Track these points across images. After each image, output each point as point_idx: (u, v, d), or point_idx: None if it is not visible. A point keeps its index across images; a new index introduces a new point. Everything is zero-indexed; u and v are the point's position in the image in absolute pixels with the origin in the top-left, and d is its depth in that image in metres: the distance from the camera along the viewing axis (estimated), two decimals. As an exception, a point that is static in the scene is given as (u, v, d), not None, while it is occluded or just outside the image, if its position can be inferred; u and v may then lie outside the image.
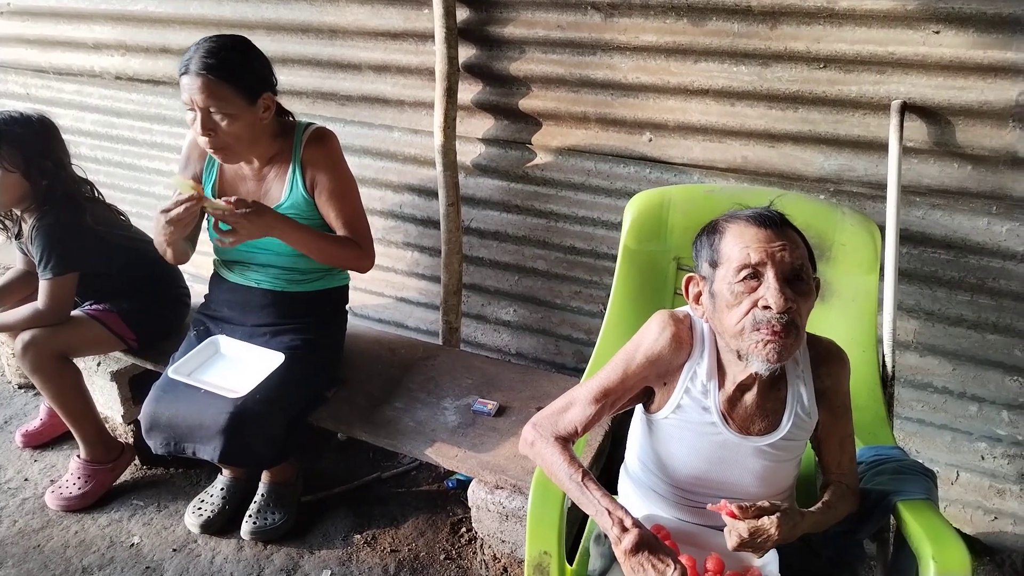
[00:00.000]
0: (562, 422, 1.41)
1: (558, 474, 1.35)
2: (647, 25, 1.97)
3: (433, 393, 2.18)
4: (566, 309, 2.52)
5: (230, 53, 1.80)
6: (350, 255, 2.03)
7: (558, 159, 2.29)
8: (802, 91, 1.89)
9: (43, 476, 2.41)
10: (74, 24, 2.89)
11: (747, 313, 1.23)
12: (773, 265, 1.22)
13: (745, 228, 1.27)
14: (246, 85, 1.81)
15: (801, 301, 1.24)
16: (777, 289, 1.20)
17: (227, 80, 1.77)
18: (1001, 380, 2.01)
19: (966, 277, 1.95)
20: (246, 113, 1.82)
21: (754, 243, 1.24)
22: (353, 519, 2.26)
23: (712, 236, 1.32)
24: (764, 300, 1.21)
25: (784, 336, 1.21)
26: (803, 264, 1.26)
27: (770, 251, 1.23)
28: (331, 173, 1.98)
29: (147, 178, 3.11)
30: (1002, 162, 1.79)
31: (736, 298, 1.24)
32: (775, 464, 1.37)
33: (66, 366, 2.18)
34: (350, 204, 2.03)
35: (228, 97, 1.78)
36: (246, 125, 1.83)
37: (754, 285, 1.23)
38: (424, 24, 2.22)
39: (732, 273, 1.25)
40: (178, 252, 2.05)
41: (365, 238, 2.06)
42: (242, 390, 1.90)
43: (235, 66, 1.79)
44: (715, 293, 1.28)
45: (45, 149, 2.12)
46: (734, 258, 1.25)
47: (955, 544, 1.28)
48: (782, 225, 1.28)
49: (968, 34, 1.69)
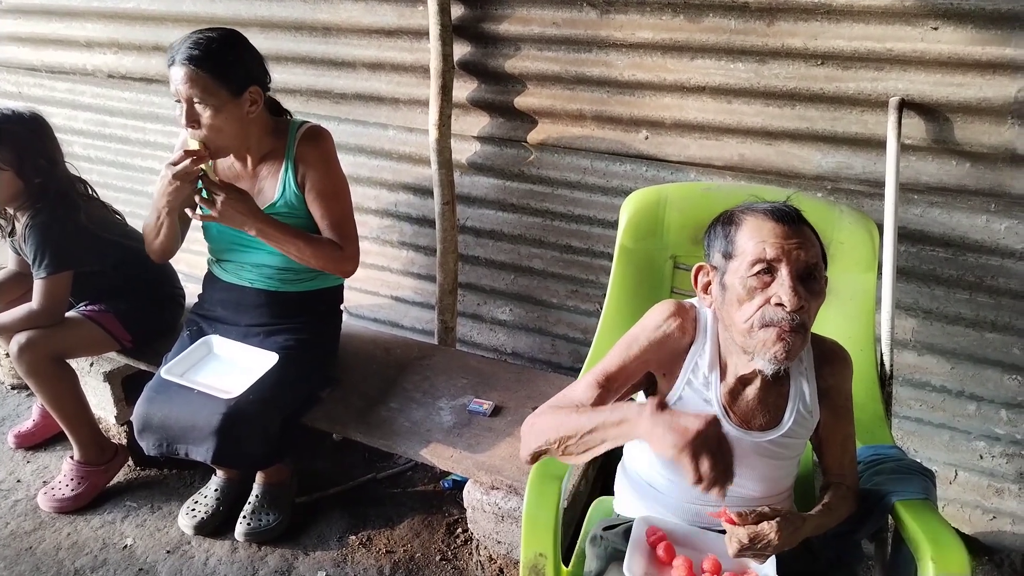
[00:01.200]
0: (562, 402, 1.37)
1: (562, 422, 1.25)
2: (643, 22, 1.96)
3: (428, 393, 2.17)
4: (562, 308, 2.51)
5: (216, 44, 1.78)
6: (331, 257, 1.98)
7: (554, 157, 2.28)
8: (799, 88, 1.87)
9: (36, 477, 2.39)
10: (66, 22, 2.87)
11: (758, 309, 1.21)
12: (788, 262, 1.21)
13: (763, 222, 1.25)
14: (231, 77, 1.79)
15: (812, 301, 1.22)
16: (791, 287, 1.19)
17: (211, 71, 1.76)
18: (1000, 379, 2.00)
19: (964, 275, 1.93)
20: (230, 106, 1.80)
21: (771, 238, 1.22)
22: (348, 520, 2.24)
23: (728, 227, 1.30)
24: (777, 297, 1.20)
25: (793, 336, 1.19)
26: (817, 263, 1.25)
27: (786, 248, 1.21)
28: (322, 171, 1.96)
29: (140, 177, 3.09)
30: (1001, 159, 1.78)
31: (748, 293, 1.22)
32: (775, 461, 1.36)
33: (62, 368, 2.16)
34: (338, 204, 2.01)
35: (212, 89, 1.77)
36: (231, 118, 1.81)
37: (767, 281, 1.21)
38: (419, 21, 2.20)
39: (746, 267, 1.23)
40: (172, 232, 2.00)
41: (350, 241, 2.02)
42: (235, 391, 1.88)
43: (220, 58, 1.77)
44: (726, 285, 1.27)
45: (38, 147, 2.10)
46: (749, 252, 1.23)
47: (954, 545, 1.27)
48: (799, 222, 1.26)
49: (966, 30, 1.67)
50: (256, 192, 1.99)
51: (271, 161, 1.98)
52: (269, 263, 2.05)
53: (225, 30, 1.85)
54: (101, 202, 2.30)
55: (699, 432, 1.07)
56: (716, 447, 1.08)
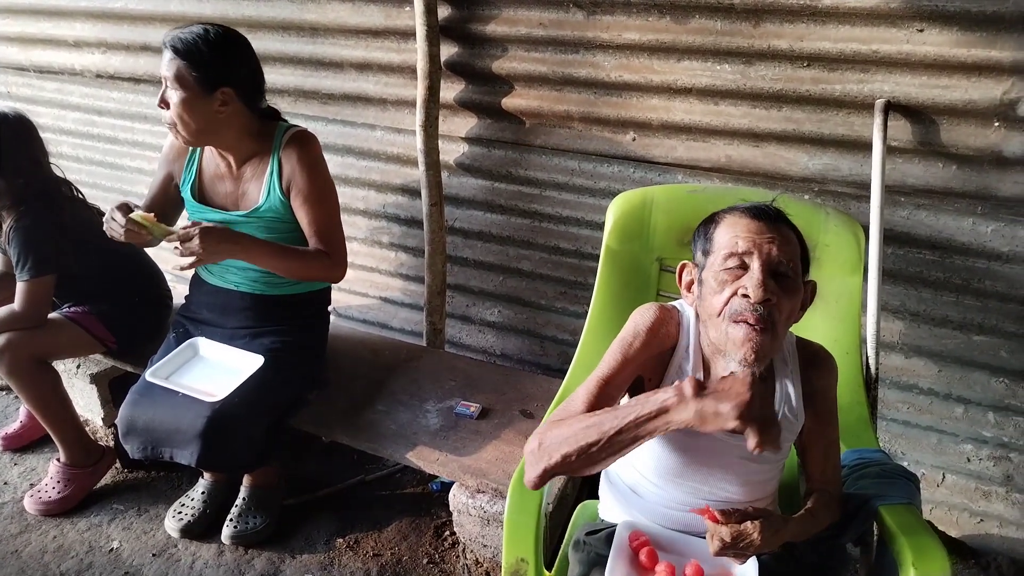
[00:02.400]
0: (564, 415, 1.36)
1: (581, 431, 1.21)
2: (630, 23, 1.95)
3: (416, 396, 2.16)
4: (551, 310, 2.50)
5: (203, 40, 1.81)
6: (319, 266, 1.98)
7: (542, 158, 2.27)
8: (786, 90, 1.87)
9: (22, 480, 2.38)
10: (54, 22, 2.86)
11: (727, 302, 1.22)
12: (760, 256, 1.22)
13: (739, 219, 1.28)
14: (205, 73, 1.81)
15: (783, 297, 1.22)
16: (759, 280, 1.19)
17: (187, 61, 1.79)
18: (987, 381, 2.00)
19: (951, 278, 1.93)
20: (198, 100, 1.82)
21: (744, 233, 1.25)
22: (336, 523, 2.24)
23: (708, 226, 1.33)
24: (744, 288, 1.20)
25: (760, 331, 1.19)
26: (792, 261, 1.25)
27: (758, 242, 1.23)
28: (307, 176, 1.94)
29: (129, 177, 3.08)
30: (987, 162, 1.78)
31: (720, 285, 1.24)
32: (759, 466, 1.36)
33: (44, 369, 2.15)
34: (324, 210, 1.99)
35: (184, 78, 1.79)
36: (196, 112, 1.82)
37: (739, 274, 1.23)
38: (405, 22, 2.19)
39: (720, 260, 1.25)
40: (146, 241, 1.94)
41: (337, 247, 2.01)
42: (220, 393, 1.87)
43: (198, 52, 1.80)
44: (703, 280, 1.29)
45: (21, 147, 2.09)
46: (723, 245, 1.26)
47: (935, 551, 1.27)
48: (776, 220, 1.28)
49: (952, 32, 1.67)
50: (240, 195, 1.98)
51: (256, 164, 1.97)
52: (254, 267, 2.04)
53: (225, 29, 1.87)
54: (86, 204, 2.29)
55: (753, 396, 1.09)
56: (763, 404, 1.10)
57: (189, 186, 2.04)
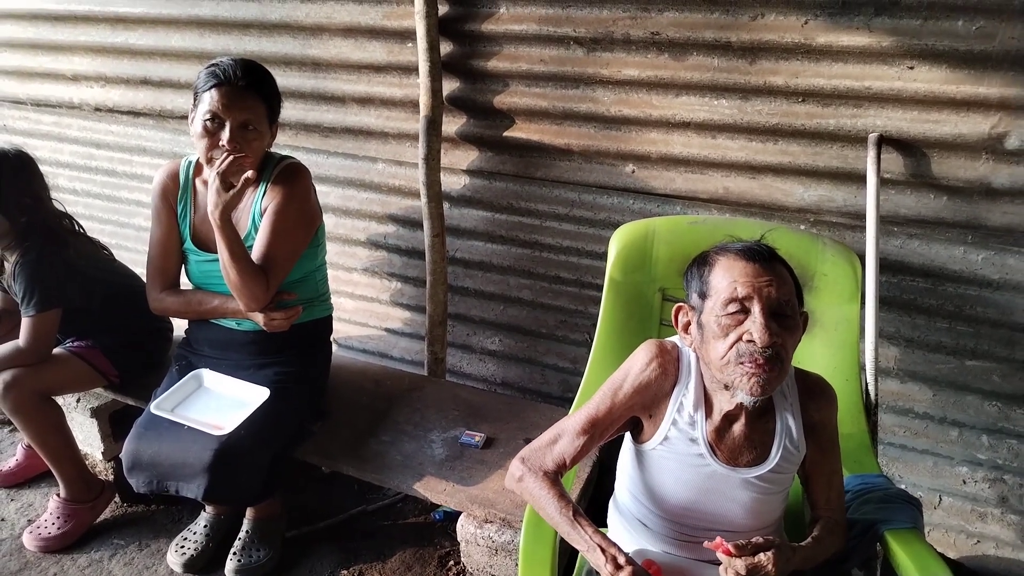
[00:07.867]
0: (550, 456, 1.41)
1: (547, 510, 1.36)
2: (629, 60, 2.00)
3: (420, 426, 2.17)
4: (551, 338, 2.53)
5: (266, 73, 1.84)
6: (253, 282, 1.87)
7: (542, 190, 2.31)
8: (781, 124, 1.92)
9: (20, 516, 2.35)
10: (53, 55, 2.87)
11: (732, 346, 1.25)
12: (760, 300, 1.24)
13: (734, 262, 1.29)
14: (275, 109, 1.84)
15: (786, 335, 1.25)
16: (763, 324, 1.22)
17: (266, 100, 1.81)
18: (980, 405, 2.05)
19: (944, 305, 1.98)
20: (267, 135, 1.85)
21: (742, 277, 1.26)
22: (339, 554, 2.23)
23: (702, 268, 1.34)
24: (749, 334, 1.23)
25: (768, 370, 1.22)
26: (790, 300, 1.28)
27: (757, 286, 1.25)
28: (282, 206, 1.91)
29: (127, 209, 3.09)
30: (976, 193, 1.84)
31: (723, 330, 1.26)
32: (763, 496, 1.38)
33: (48, 405, 2.14)
34: (278, 241, 1.92)
35: (262, 116, 1.82)
36: (262, 147, 1.85)
37: (741, 319, 1.25)
38: (408, 57, 2.23)
39: (720, 306, 1.27)
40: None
41: (274, 277, 1.93)
42: (227, 427, 1.87)
43: (273, 88, 1.83)
44: (703, 324, 1.30)
45: (23, 185, 2.09)
46: (722, 291, 1.27)
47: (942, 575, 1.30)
48: (770, 260, 1.30)
49: (941, 69, 1.73)
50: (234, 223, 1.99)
51: (249, 195, 1.98)
52: None
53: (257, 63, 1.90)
54: (88, 237, 2.29)
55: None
56: None
57: (187, 223, 2.04)
